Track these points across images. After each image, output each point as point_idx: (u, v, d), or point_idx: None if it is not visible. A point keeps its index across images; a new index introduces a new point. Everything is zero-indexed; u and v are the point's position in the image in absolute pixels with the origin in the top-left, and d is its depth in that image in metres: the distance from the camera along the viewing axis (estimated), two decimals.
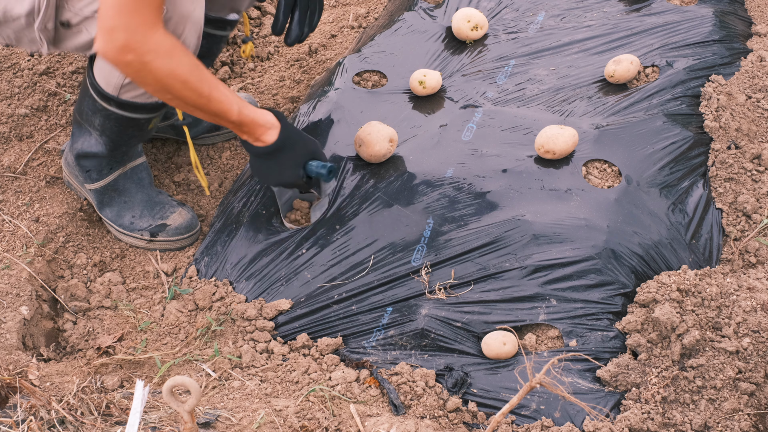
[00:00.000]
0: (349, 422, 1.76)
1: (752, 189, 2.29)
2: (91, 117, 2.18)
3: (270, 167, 2.07)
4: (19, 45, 2.12)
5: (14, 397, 1.80)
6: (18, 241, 2.28)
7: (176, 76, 1.83)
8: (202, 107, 1.91)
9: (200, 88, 1.86)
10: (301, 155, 2.06)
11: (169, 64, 1.81)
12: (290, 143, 2.04)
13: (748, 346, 1.84)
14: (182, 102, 1.89)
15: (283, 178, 2.08)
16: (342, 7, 3.38)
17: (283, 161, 2.05)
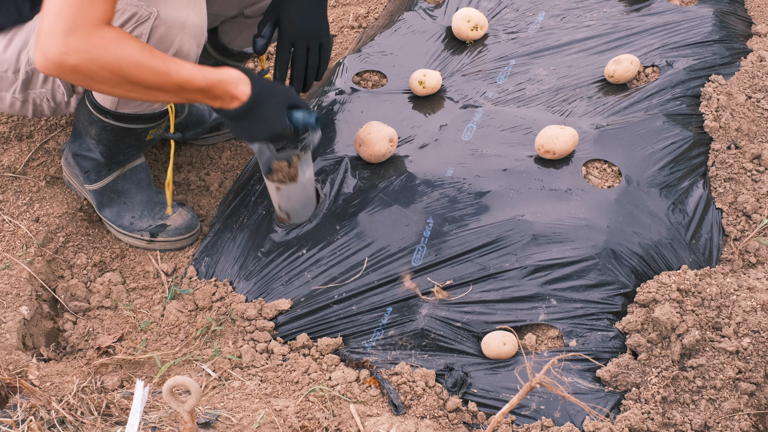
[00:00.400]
0: (349, 422, 1.76)
1: (752, 189, 2.29)
2: (87, 127, 2.18)
3: (254, 123, 1.97)
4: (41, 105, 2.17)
5: (14, 397, 1.80)
6: (18, 241, 2.28)
7: (127, 59, 1.75)
8: (165, 84, 1.82)
9: (155, 64, 1.79)
10: (281, 102, 1.97)
11: (117, 51, 1.74)
12: (266, 92, 1.95)
13: (748, 346, 1.84)
14: (145, 88, 1.81)
15: (270, 129, 1.98)
16: (342, 7, 3.38)
17: (266, 112, 1.95)
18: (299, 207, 2.17)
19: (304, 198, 2.16)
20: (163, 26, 1.92)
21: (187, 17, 1.95)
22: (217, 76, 1.86)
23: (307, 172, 2.12)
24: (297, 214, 2.18)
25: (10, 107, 2.19)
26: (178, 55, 1.97)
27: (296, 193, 2.13)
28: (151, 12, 1.91)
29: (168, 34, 1.93)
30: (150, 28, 1.92)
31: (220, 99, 1.90)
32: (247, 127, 1.97)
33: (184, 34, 1.95)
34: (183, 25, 1.94)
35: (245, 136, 2.03)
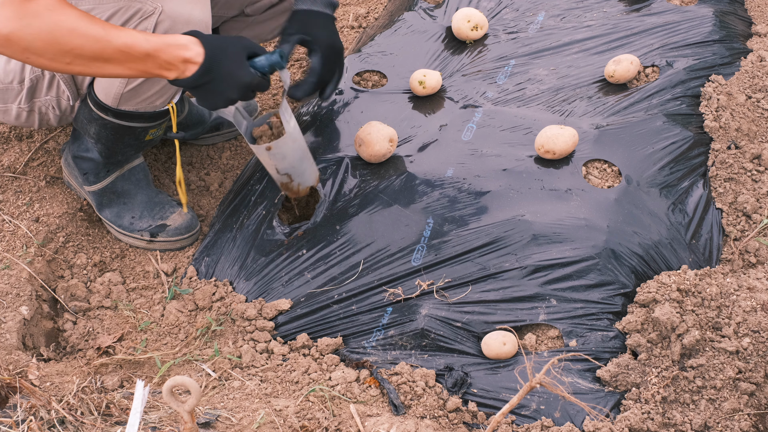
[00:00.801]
0: (349, 422, 1.76)
1: (752, 189, 2.29)
2: (86, 126, 2.18)
3: (219, 84, 1.86)
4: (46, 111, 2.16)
5: (14, 397, 1.80)
6: (18, 241, 2.28)
7: (60, 25, 1.70)
8: (105, 51, 1.74)
9: (92, 30, 1.73)
10: (239, 51, 1.87)
11: (50, 18, 1.69)
12: (221, 46, 1.85)
13: (748, 346, 1.84)
14: (86, 58, 1.74)
15: (238, 82, 1.86)
16: (342, 7, 3.38)
17: (227, 67, 1.85)
18: (297, 162, 2.06)
19: (299, 151, 2.05)
20: (167, 21, 1.92)
21: (192, 12, 1.94)
22: (163, 40, 1.79)
23: (291, 121, 2.00)
24: (298, 172, 2.08)
25: (17, 119, 2.19)
26: None
27: (288, 147, 2.02)
28: (156, 7, 1.91)
29: (173, 29, 1.92)
30: (155, 23, 1.91)
31: (173, 67, 1.80)
32: (213, 91, 1.87)
33: (188, 29, 1.94)
34: (188, 20, 1.93)
35: (216, 101, 1.90)
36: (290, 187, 2.12)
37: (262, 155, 2.04)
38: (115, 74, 1.82)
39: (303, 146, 2.08)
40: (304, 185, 2.14)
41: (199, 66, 1.81)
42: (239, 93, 1.88)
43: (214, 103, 1.91)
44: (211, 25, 2.41)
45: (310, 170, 2.12)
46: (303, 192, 2.15)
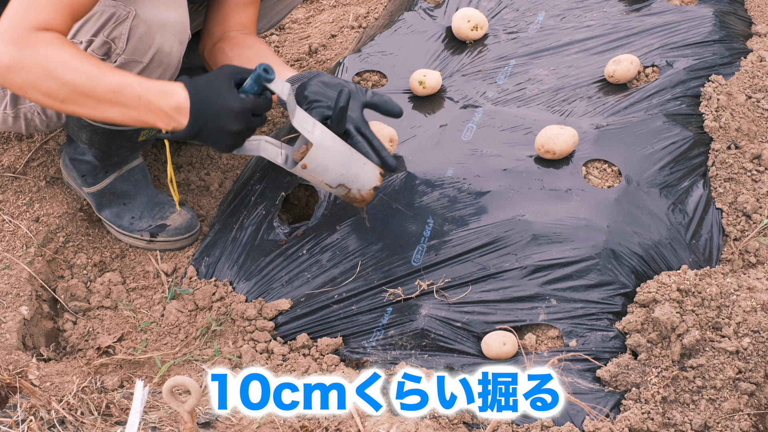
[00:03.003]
0: (349, 422, 1.76)
1: (752, 189, 2.29)
2: (77, 132, 2.18)
3: (214, 122, 1.77)
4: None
5: (14, 397, 1.80)
6: (18, 241, 2.28)
7: (55, 59, 1.71)
8: (97, 89, 1.73)
9: (85, 66, 1.72)
10: (223, 82, 1.78)
11: (46, 52, 1.70)
12: (204, 84, 1.78)
13: (748, 346, 1.84)
14: (78, 94, 1.74)
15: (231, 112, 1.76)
16: (342, 7, 3.38)
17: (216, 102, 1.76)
18: (343, 168, 1.88)
19: (340, 156, 1.87)
20: (142, 25, 1.90)
21: (166, 14, 1.93)
22: (155, 85, 1.76)
23: (315, 130, 1.83)
24: (350, 178, 1.90)
25: (3, 123, 2.19)
26: (159, 54, 1.95)
27: (323, 156, 1.84)
28: (129, 11, 1.90)
29: (148, 32, 1.91)
30: (129, 27, 1.90)
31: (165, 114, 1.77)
32: (215, 132, 1.79)
33: (165, 32, 1.93)
34: (163, 22, 1.92)
35: (225, 141, 1.82)
36: (353, 197, 1.95)
37: (306, 176, 1.88)
38: (111, 118, 1.79)
39: (342, 150, 1.88)
40: (366, 189, 1.94)
41: (189, 111, 1.76)
42: (239, 122, 1.78)
43: (224, 143, 1.81)
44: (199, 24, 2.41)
45: (363, 171, 1.92)
46: (368, 196, 1.95)
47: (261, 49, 2.20)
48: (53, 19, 1.73)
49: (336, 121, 1.91)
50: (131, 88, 1.75)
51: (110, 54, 1.94)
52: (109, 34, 1.92)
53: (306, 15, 3.42)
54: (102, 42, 1.93)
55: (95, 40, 1.93)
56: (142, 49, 1.93)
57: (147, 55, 1.94)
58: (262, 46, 2.22)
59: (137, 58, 1.94)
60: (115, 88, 1.74)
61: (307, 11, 3.45)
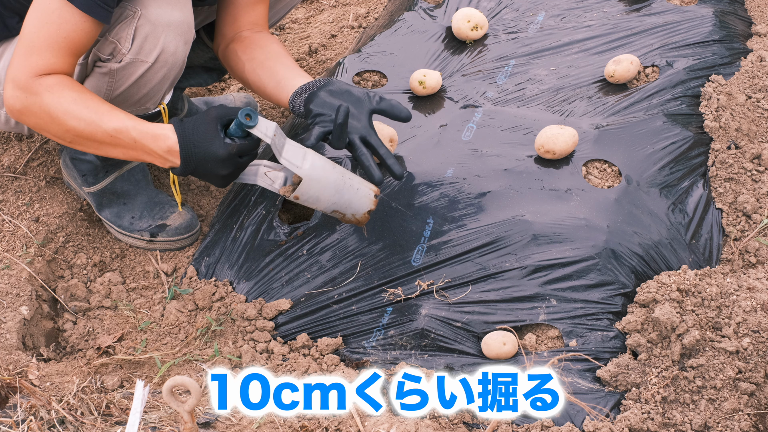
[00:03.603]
0: (349, 422, 1.76)
1: (752, 189, 2.29)
2: None
3: (203, 165, 1.84)
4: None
5: (14, 397, 1.80)
6: (18, 241, 2.28)
7: (56, 107, 1.81)
8: (96, 134, 1.84)
9: (84, 113, 1.82)
10: (209, 127, 1.83)
11: (49, 99, 1.81)
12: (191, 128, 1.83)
13: (748, 346, 1.84)
14: (83, 138, 1.85)
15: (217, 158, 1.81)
16: (342, 7, 3.38)
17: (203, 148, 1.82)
18: (335, 197, 1.91)
19: (331, 185, 1.90)
20: (148, 25, 1.91)
21: (172, 14, 1.93)
22: (148, 130, 1.84)
23: (304, 164, 1.87)
24: (342, 205, 1.93)
25: (6, 124, 2.20)
26: (164, 53, 1.96)
27: (313, 188, 1.88)
28: (135, 11, 1.91)
29: (154, 32, 1.92)
30: (135, 27, 1.91)
31: (160, 157, 1.85)
32: (206, 173, 1.86)
33: (170, 32, 1.93)
34: (168, 23, 1.93)
35: (217, 181, 1.89)
36: (348, 220, 1.99)
37: (298, 203, 1.93)
38: (114, 156, 1.90)
39: (333, 179, 1.90)
40: (359, 213, 1.97)
41: (179, 154, 1.84)
42: (226, 167, 1.84)
43: (218, 182, 1.89)
44: (206, 20, 2.41)
45: (356, 197, 1.94)
46: (363, 219, 1.99)
47: (272, 51, 2.19)
48: (54, 63, 1.81)
49: (335, 139, 1.95)
50: (127, 133, 1.84)
51: (115, 53, 1.94)
52: (114, 34, 1.92)
53: (306, 15, 3.42)
54: (107, 42, 1.93)
55: (100, 40, 1.93)
56: (147, 49, 1.93)
57: (152, 55, 1.94)
58: (273, 47, 2.21)
59: (142, 58, 1.94)
60: (113, 133, 1.84)
61: (307, 11, 3.45)
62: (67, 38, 1.81)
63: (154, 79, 2.00)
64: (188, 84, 2.60)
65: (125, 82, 1.99)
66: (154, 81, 2.01)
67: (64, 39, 1.81)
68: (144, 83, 2.01)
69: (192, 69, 2.52)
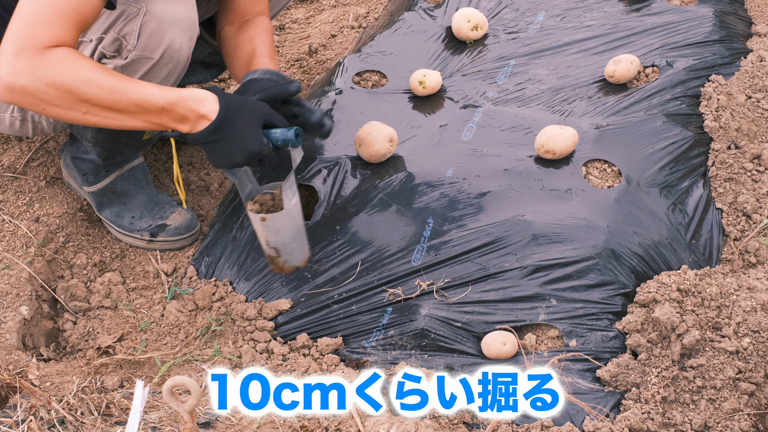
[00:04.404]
0: (349, 422, 1.76)
1: (752, 189, 2.29)
2: (83, 131, 2.18)
3: (227, 144, 1.83)
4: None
5: (14, 397, 1.80)
6: (18, 241, 2.28)
7: (75, 75, 1.71)
8: (120, 102, 1.75)
9: (107, 81, 1.74)
10: (255, 118, 1.84)
11: (65, 68, 1.71)
12: (237, 107, 1.83)
13: (748, 346, 1.84)
14: (100, 107, 1.76)
15: (246, 147, 1.83)
16: (342, 7, 3.38)
17: (239, 129, 1.82)
18: (288, 240, 1.99)
19: (293, 229, 1.98)
20: (153, 21, 1.91)
21: (176, 10, 1.93)
22: (178, 94, 1.79)
23: (293, 199, 1.94)
24: (288, 250, 2.00)
25: (10, 127, 2.19)
26: (170, 50, 1.95)
27: (283, 222, 1.95)
28: (140, 8, 1.90)
29: (159, 29, 1.91)
30: (140, 24, 1.90)
31: (187, 120, 1.80)
32: (220, 149, 1.85)
33: (175, 28, 1.93)
34: (173, 19, 1.92)
35: (221, 161, 1.88)
36: (275, 262, 2.03)
37: (257, 224, 1.97)
38: (129, 126, 1.81)
39: (299, 225, 1.99)
40: (290, 263, 2.04)
41: (211, 123, 1.79)
42: (245, 158, 1.85)
43: (218, 161, 1.88)
44: (205, 15, 2.41)
45: (300, 251, 2.03)
46: (287, 269, 2.05)
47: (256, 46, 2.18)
48: (63, 36, 1.73)
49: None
50: (154, 99, 1.77)
51: (121, 50, 1.94)
52: (120, 31, 1.92)
53: (306, 15, 3.42)
54: (113, 39, 1.93)
55: (105, 36, 1.93)
56: (152, 45, 1.93)
57: (157, 51, 1.94)
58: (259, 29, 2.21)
59: (148, 54, 1.94)
60: (139, 101, 1.76)
61: (307, 11, 3.45)
62: (77, 9, 1.74)
63: (160, 75, 2.00)
64: (188, 81, 2.60)
65: None
66: (159, 77, 2.01)
67: (74, 10, 1.73)
68: (149, 79, 2.01)
69: (191, 65, 2.52)
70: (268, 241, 1.98)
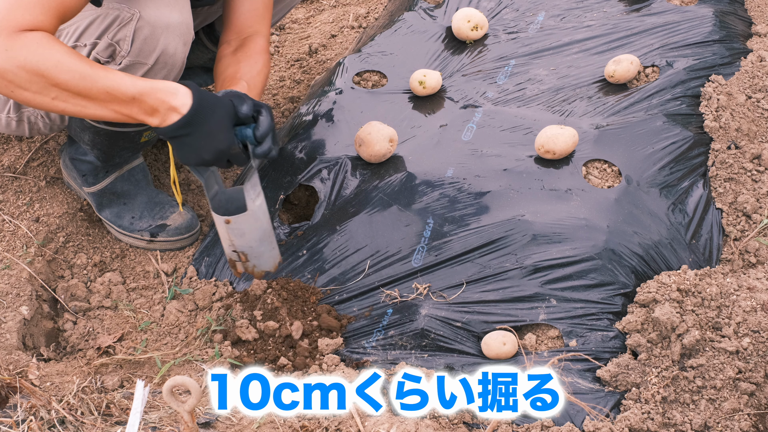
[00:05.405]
0: (349, 422, 1.76)
1: (752, 189, 2.29)
2: (80, 134, 2.18)
3: (197, 139, 1.79)
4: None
5: (14, 397, 1.80)
6: (18, 241, 2.28)
7: (47, 59, 1.67)
8: (90, 89, 1.71)
9: (78, 66, 1.70)
10: (227, 114, 1.80)
11: (37, 51, 1.67)
12: (210, 103, 1.78)
13: (748, 346, 1.84)
14: (70, 93, 1.71)
15: (216, 144, 1.79)
16: (342, 7, 3.38)
17: (210, 125, 1.78)
18: (256, 243, 1.94)
19: (260, 231, 1.94)
20: (147, 27, 1.90)
21: (170, 16, 1.92)
22: (150, 84, 1.75)
23: (257, 200, 1.90)
24: (255, 253, 1.96)
25: (6, 127, 2.19)
26: (164, 55, 1.95)
27: (248, 224, 1.91)
28: (134, 13, 1.89)
29: (153, 34, 1.91)
30: (134, 29, 1.90)
31: (156, 112, 1.76)
32: (189, 144, 1.80)
33: (169, 34, 1.93)
34: (167, 24, 1.92)
35: (189, 157, 1.83)
36: (246, 267, 1.98)
37: (221, 227, 1.91)
38: (97, 116, 1.77)
39: (266, 228, 1.95)
40: (260, 268, 1.99)
41: (182, 116, 1.75)
42: (213, 156, 1.81)
43: (186, 158, 1.83)
44: (205, 21, 2.41)
45: (269, 254, 1.98)
46: (257, 274, 2.00)
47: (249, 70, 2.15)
48: (42, 21, 1.71)
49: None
50: (125, 88, 1.73)
51: (115, 56, 1.94)
52: (113, 36, 1.92)
53: (306, 15, 3.42)
54: (107, 44, 1.93)
55: (99, 42, 1.93)
56: (146, 50, 1.93)
57: (152, 57, 1.94)
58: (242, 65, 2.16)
59: (142, 60, 1.94)
60: (109, 88, 1.72)
61: (307, 11, 3.45)
62: None
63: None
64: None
65: None
66: None
67: None
68: None
69: (191, 70, 2.52)
70: (234, 245, 1.94)
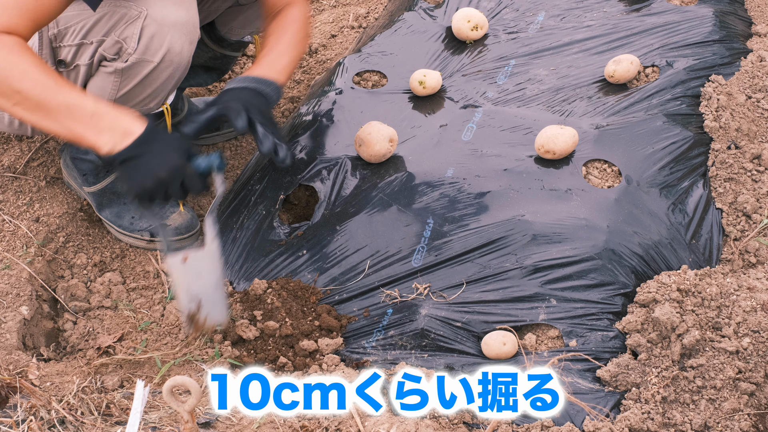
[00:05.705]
0: (349, 422, 1.76)
1: (752, 189, 2.29)
2: None
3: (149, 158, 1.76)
4: None
5: (14, 397, 1.80)
6: (18, 241, 2.28)
7: (14, 65, 1.71)
8: (51, 102, 1.74)
9: (44, 78, 1.73)
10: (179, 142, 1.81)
11: (6, 56, 1.70)
12: (163, 130, 1.82)
13: (748, 346, 1.84)
14: (31, 102, 1.74)
15: (170, 162, 1.77)
16: (342, 7, 3.38)
17: (162, 145, 1.78)
18: (210, 288, 1.91)
19: (215, 275, 1.91)
20: (154, 25, 1.91)
21: (177, 14, 1.93)
22: (111, 107, 1.78)
23: (213, 242, 1.88)
24: (209, 300, 1.90)
25: (9, 126, 2.19)
26: (170, 53, 1.95)
27: (205, 264, 1.88)
28: (141, 11, 1.90)
29: (160, 32, 1.92)
30: (141, 27, 1.90)
31: (109, 131, 1.76)
32: (143, 165, 1.76)
33: (175, 32, 1.93)
34: (174, 22, 1.93)
35: (143, 179, 1.77)
36: (196, 320, 1.91)
37: (176, 270, 1.86)
38: (52, 130, 1.80)
39: (220, 274, 1.93)
40: (211, 320, 1.93)
41: (136, 137, 1.76)
42: (168, 173, 1.77)
43: (141, 180, 1.77)
44: (205, 19, 2.42)
45: (221, 305, 1.94)
46: (208, 328, 1.95)
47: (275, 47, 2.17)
48: (17, 25, 1.73)
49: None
50: (85, 105, 1.76)
51: (121, 53, 1.94)
52: (120, 34, 1.92)
53: None
54: (113, 42, 1.93)
55: (106, 39, 1.93)
56: (153, 48, 1.93)
57: (158, 55, 1.94)
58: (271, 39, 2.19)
59: (148, 58, 1.94)
60: (70, 103, 1.75)
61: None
62: (39, 2, 1.75)
63: (160, 78, 2.00)
64: (188, 84, 2.60)
65: (131, 81, 2.00)
66: (159, 80, 2.01)
67: (35, 2, 1.75)
68: (149, 83, 2.01)
69: (192, 69, 2.52)
70: (190, 291, 1.88)
